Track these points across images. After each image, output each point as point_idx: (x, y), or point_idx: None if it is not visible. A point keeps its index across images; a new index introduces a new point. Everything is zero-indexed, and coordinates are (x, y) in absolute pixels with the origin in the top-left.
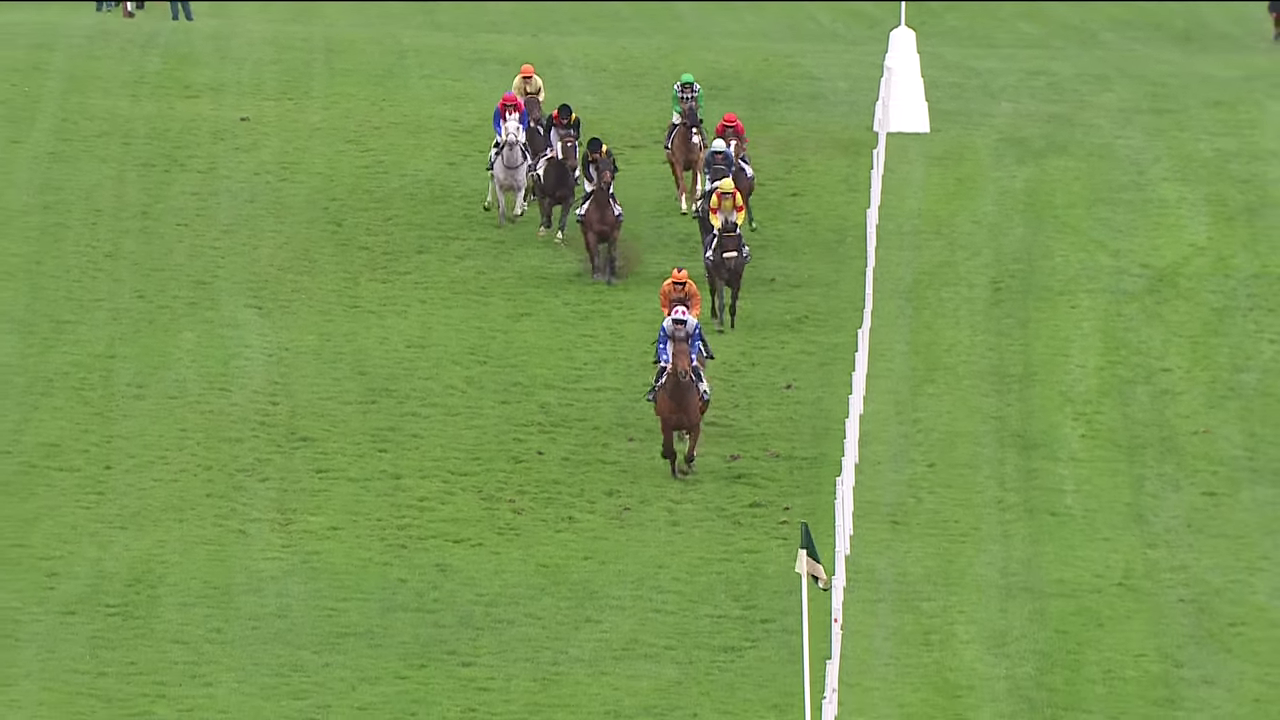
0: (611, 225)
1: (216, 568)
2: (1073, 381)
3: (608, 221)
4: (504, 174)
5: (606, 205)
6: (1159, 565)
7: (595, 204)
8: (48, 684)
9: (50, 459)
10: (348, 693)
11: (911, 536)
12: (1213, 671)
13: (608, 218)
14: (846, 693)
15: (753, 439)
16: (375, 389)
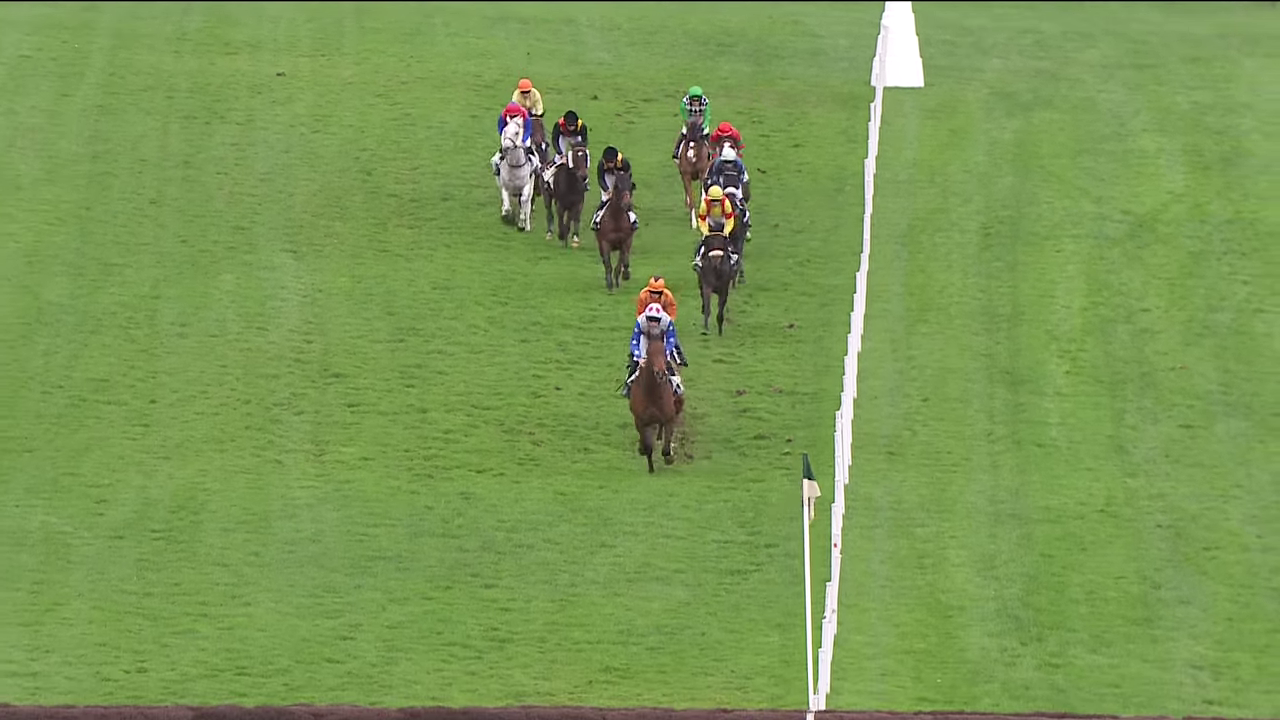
0: (625, 233)
1: (255, 495)
2: (1058, 321)
3: (621, 229)
4: (508, 174)
5: (621, 214)
6: (1138, 493)
7: (610, 213)
8: (97, 603)
9: (99, 393)
10: (378, 612)
11: (906, 466)
12: (1188, 592)
13: (622, 225)
14: (845, 613)
15: (757, 375)
16: (403, 328)
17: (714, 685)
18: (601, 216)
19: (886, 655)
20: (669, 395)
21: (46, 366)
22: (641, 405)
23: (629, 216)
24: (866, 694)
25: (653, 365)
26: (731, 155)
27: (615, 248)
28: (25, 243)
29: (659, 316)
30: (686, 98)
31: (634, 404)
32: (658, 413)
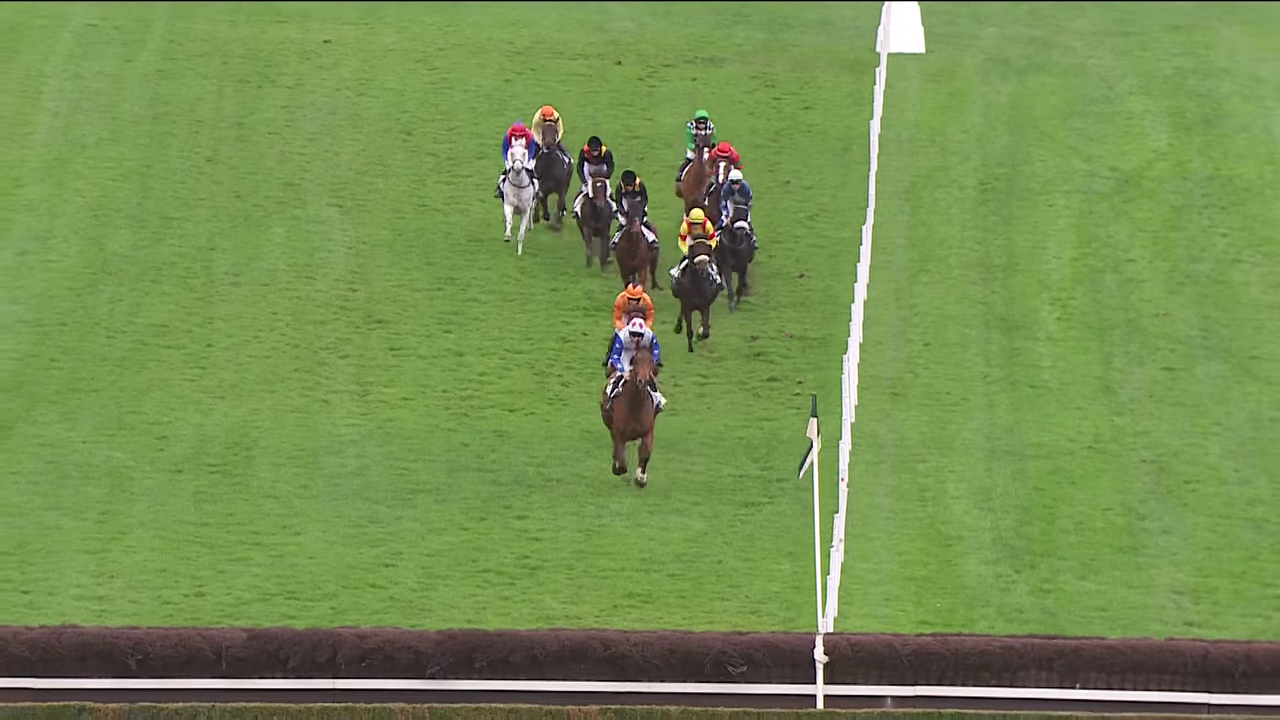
0: (643, 259)
1: (303, 433)
2: (1049, 271)
3: (639, 255)
4: (512, 193)
5: (636, 241)
6: (1124, 431)
7: (625, 241)
8: (158, 532)
9: (159, 338)
10: (417, 541)
11: (908, 406)
12: (1171, 523)
13: (638, 252)
14: (852, 542)
15: (770, 321)
16: (440, 277)
17: (730, 609)
18: (619, 241)
19: (890, 581)
20: (651, 408)
21: (111, 313)
22: (624, 419)
23: (646, 239)
24: (871, 617)
25: (638, 376)
26: (738, 175)
27: (633, 272)
28: (91, 198)
29: (642, 331)
30: (692, 121)
31: (615, 418)
32: (638, 426)
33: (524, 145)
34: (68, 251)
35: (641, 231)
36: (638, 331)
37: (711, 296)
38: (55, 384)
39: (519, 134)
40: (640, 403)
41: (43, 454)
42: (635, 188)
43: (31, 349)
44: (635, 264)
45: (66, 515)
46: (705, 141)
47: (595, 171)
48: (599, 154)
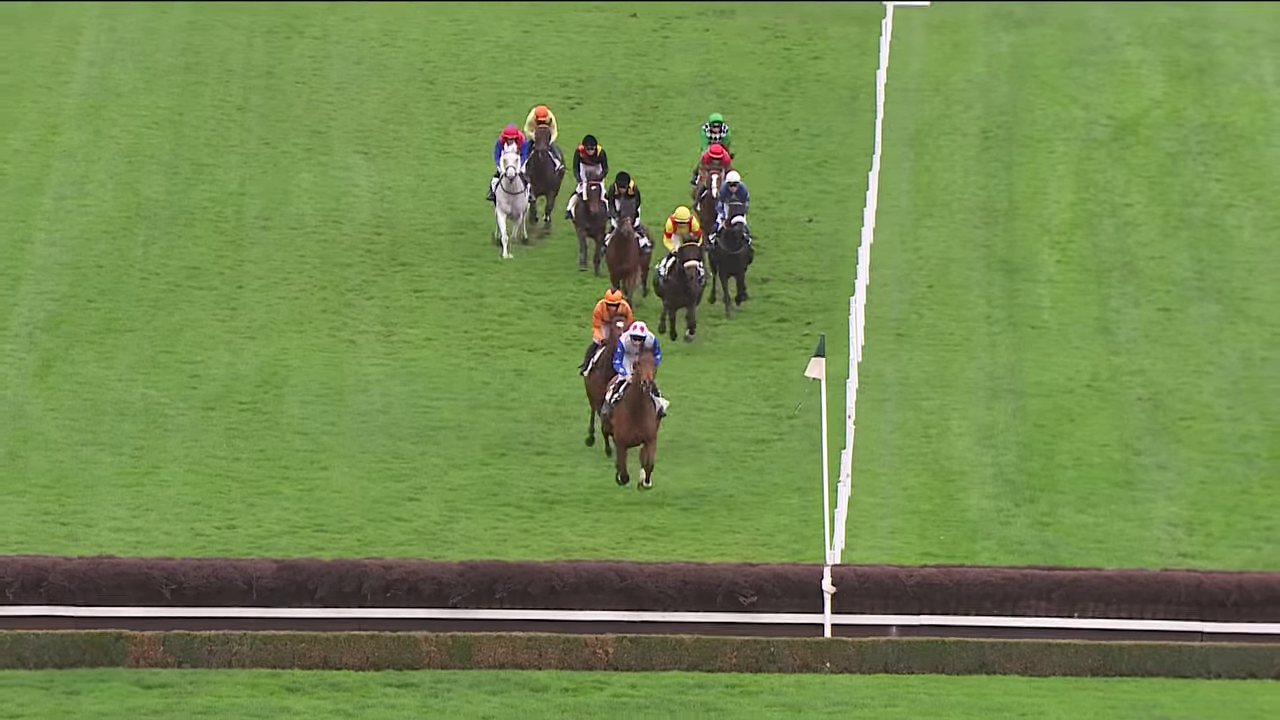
0: (632, 265)
1: (331, 372)
2: (1049, 215)
3: (628, 261)
4: (505, 200)
5: (626, 246)
6: (1121, 369)
7: (615, 245)
8: (192, 467)
9: (192, 279)
10: (440, 476)
11: (913, 346)
12: (1166, 458)
13: (628, 257)
14: (858, 477)
15: (780, 264)
16: (462, 221)
17: (740, 542)
18: (609, 247)
19: (895, 515)
20: (653, 414)
21: (145, 255)
22: (626, 426)
23: (637, 243)
24: (877, 550)
25: (641, 379)
26: (736, 177)
27: (623, 277)
28: (126, 145)
29: (643, 335)
30: (707, 124)
31: (618, 425)
32: (641, 433)
33: (516, 149)
34: (104, 196)
35: (633, 233)
36: (639, 335)
37: (697, 295)
38: (92, 324)
39: (511, 137)
40: (643, 408)
41: (80, 391)
42: (629, 190)
43: (69, 290)
44: (626, 268)
45: (103, 450)
46: (721, 143)
47: (590, 173)
48: (594, 153)
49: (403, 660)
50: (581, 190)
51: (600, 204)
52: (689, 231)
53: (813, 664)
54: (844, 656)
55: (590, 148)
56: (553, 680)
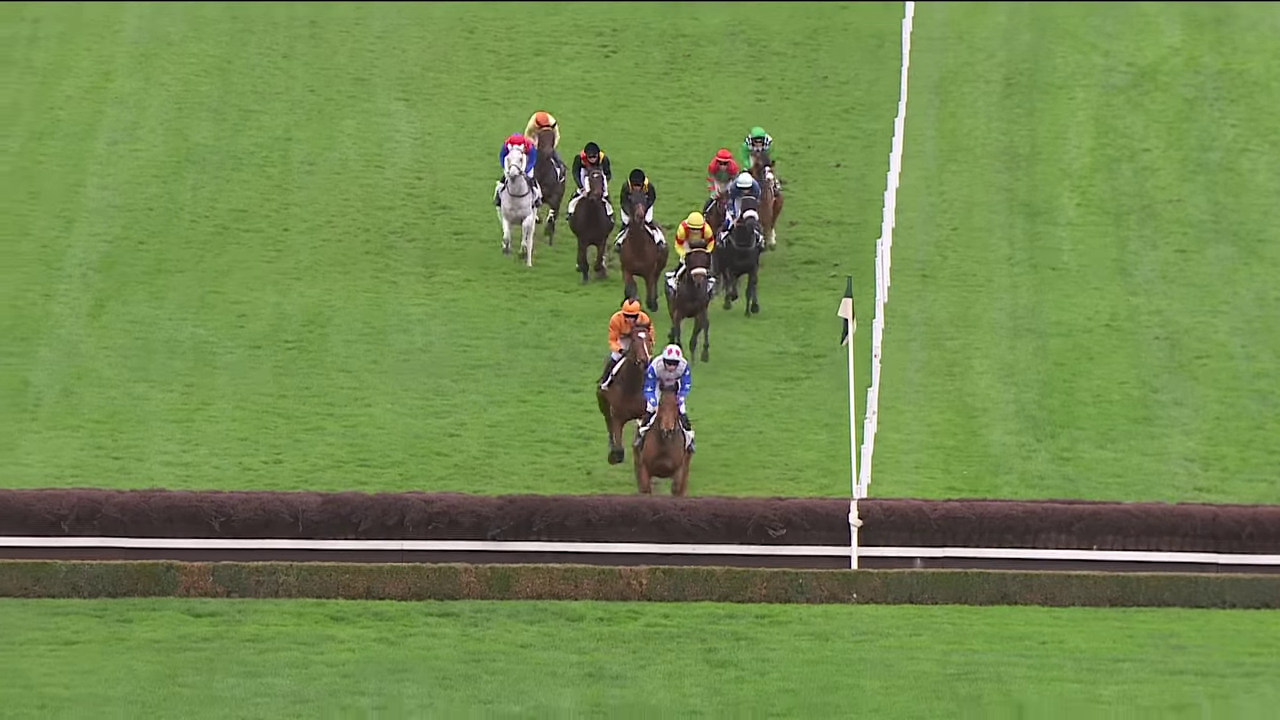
0: (649, 261)
1: (374, 311)
2: (1070, 160)
3: (645, 257)
4: (510, 204)
5: (643, 240)
6: (1139, 309)
7: (630, 239)
8: (239, 403)
9: (240, 222)
10: (480, 413)
11: (938, 287)
12: (1182, 395)
13: (644, 253)
14: (884, 414)
15: (808, 208)
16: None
17: (770, 477)
18: (623, 242)
19: (920, 451)
20: (681, 448)
21: (194, 199)
22: (653, 456)
23: (653, 240)
24: (902, 484)
25: (662, 424)
26: (749, 181)
27: (639, 274)
28: (175, 92)
29: (677, 359)
30: (749, 138)
31: (645, 454)
32: (668, 464)
33: (522, 152)
34: (154, 141)
35: (646, 228)
36: (673, 359)
37: (705, 302)
38: (143, 265)
39: (517, 143)
40: (669, 443)
41: (132, 330)
42: (644, 188)
43: (121, 232)
44: (642, 265)
45: (154, 387)
46: (761, 159)
47: (592, 169)
48: (596, 160)
49: (443, 591)
50: (583, 193)
51: (604, 203)
52: (700, 238)
53: (840, 595)
54: (870, 587)
55: (593, 155)
56: (588, 610)
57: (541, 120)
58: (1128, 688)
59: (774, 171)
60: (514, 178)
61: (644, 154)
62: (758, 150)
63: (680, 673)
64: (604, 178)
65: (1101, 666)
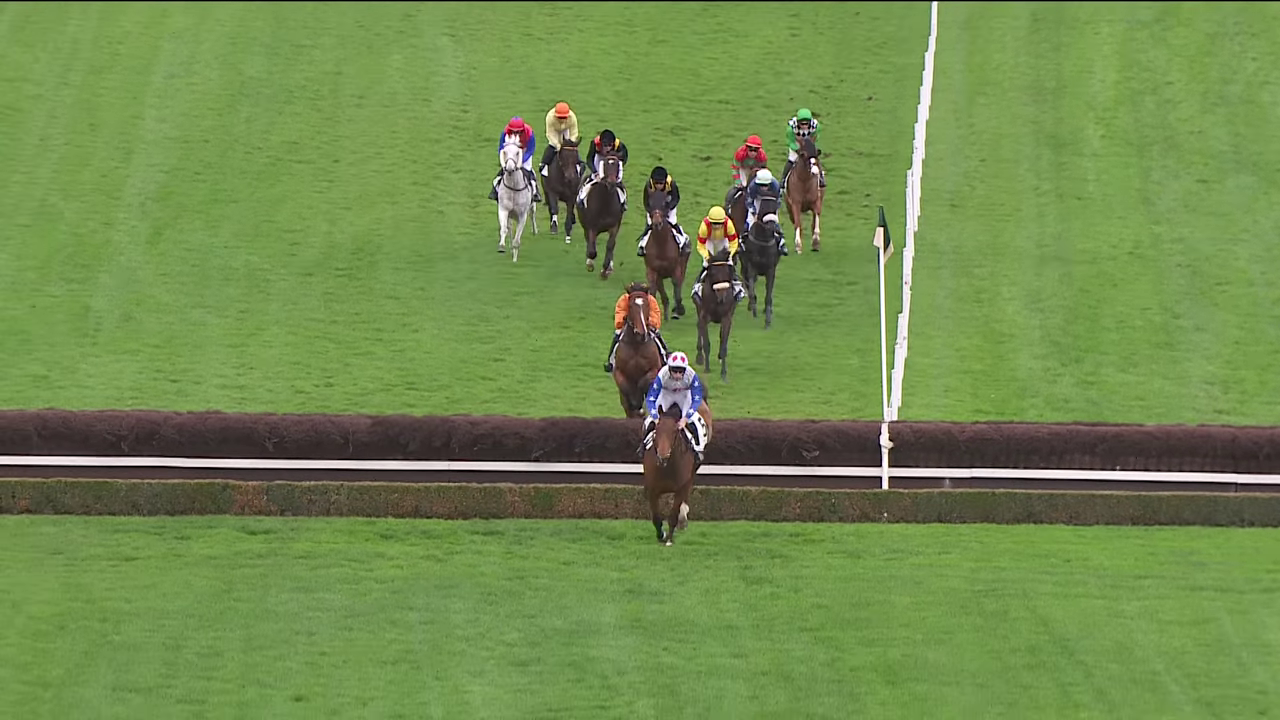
0: (673, 261)
1: (421, 240)
2: (1095, 93)
3: (667, 257)
4: (507, 196)
5: (666, 240)
6: (1162, 238)
7: (654, 239)
8: (291, 329)
9: (292, 154)
10: (523, 339)
11: (966, 217)
12: (1203, 320)
13: (667, 253)
14: (914, 339)
15: (840, 140)
16: (543, 100)
17: (804, 400)
18: (646, 242)
19: (948, 375)
20: (688, 465)
21: (248, 131)
22: (653, 479)
23: (677, 240)
24: (931, 407)
25: (659, 453)
26: (767, 178)
27: (664, 275)
28: (230, 27)
29: (683, 366)
30: (794, 120)
31: (647, 473)
32: (672, 483)
33: (520, 143)
34: (209, 76)
35: (670, 227)
36: (679, 367)
37: (730, 309)
38: (199, 195)
39: (516, 129)
40: (674, 460)
41: (189, 258)
42: (666, 186)
43: (178, 163)
44: (665, 264)
45: (210, 313)
46: (808, 143)
47: (608, 155)
48: (612, 146)
49: (488, 510)
50: (598, 172)
51: (618, 184)
52: (723, 235)
53: (871, 514)
54: (900, 507)
55: (608, 142)
56: (628, 529)
57: (561, 112)
58: (1149, 603)
59: (819, 163)
60: (511, 171)
61: (681, 87)
62: (804, 135)
63: (717, 589)
64: (619, 165)
65: (1124, 583)
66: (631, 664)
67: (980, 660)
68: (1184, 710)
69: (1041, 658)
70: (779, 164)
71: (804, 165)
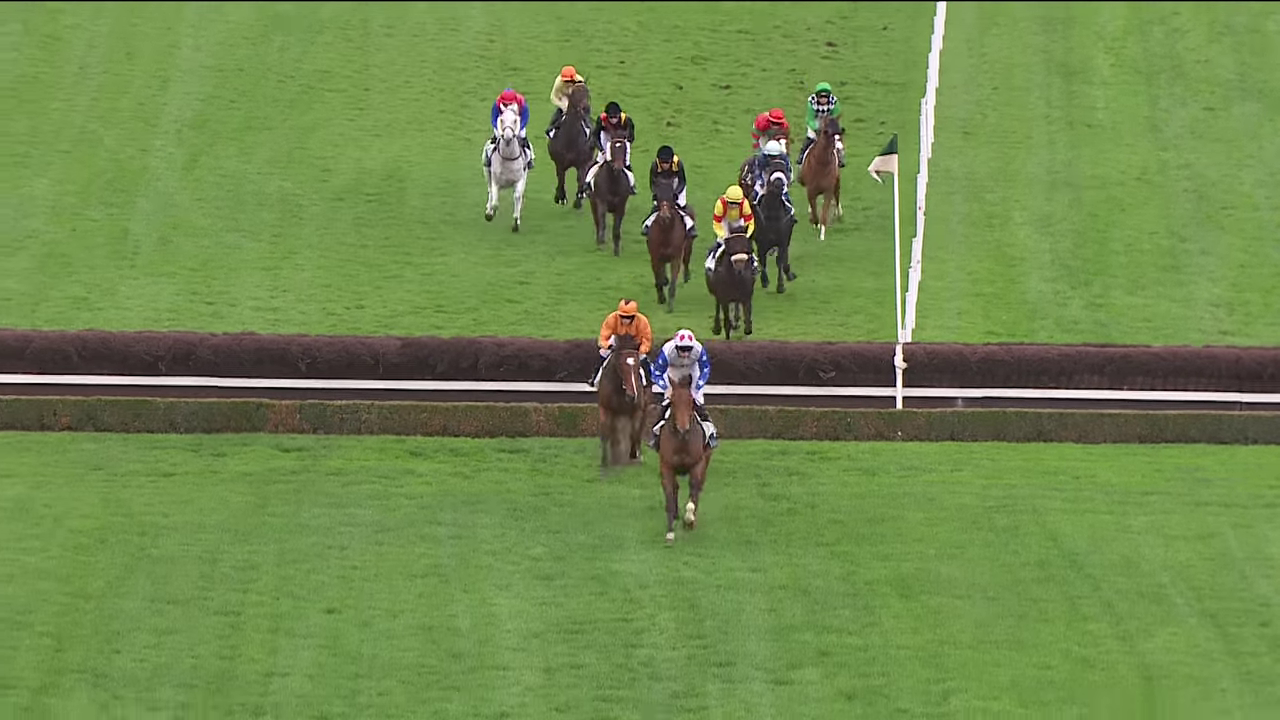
0: (676, 248)
1: (449, 167)
2: (1104, 23)
3: (672, 244)
4: (500, 166)
5: (673, 228)
6: (1169, 164)
7: (658, 225)
8: (324, 252)
9: (323, 83)
10: (548, 263)
11: (979, 144)
12: (1209, 244)
13: (672, 240)
14: (928, 263)
15: (856, 69)
16: (569, 30)
17: (820, 323)
18: (650, 227)
19: (961, 298)
20: (700, 444)
21: (281, 60)
22: (670, 455)
23: (683, 225)
24: (944, 329)
25: (677, 424)
26: (777, 149)
27: (666, 260)
28: None
29: (691, 344)
30: (813, 95)
31: (663, 454)
32: (687, 459)
33: (516, 113)
34: (243, 6)
35: (677, 215)
36: (686, 345)
37: (750, 287)
38: (234, 122)
39: (510, 100)
40: (686, 440)
41: (224, 184)
42: (673, 167)
43: (213, 91)
44: (669, 252)
45: (245, 237)
46: (831, 121)
47: (614, 135)
48: (618, 121)
49: (514, 428)
50: (605, 155)
51: (624, 166)
52: (739, 216)
53: (885, 433)
54: (914, 426)
55: (614, 115)
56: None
57: (567, 75)
58: (1156, 518)
59: (842, 140)
60: (508, 140)
61: (701, 17)
62: (824, 110)
63: (736, 505)
64: (626, 146)
65: (1131, 499)
66: (653, 578)
67: (991, 574)
68: (1189, 622)
69: (1050, 571)
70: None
71: (825, 145)
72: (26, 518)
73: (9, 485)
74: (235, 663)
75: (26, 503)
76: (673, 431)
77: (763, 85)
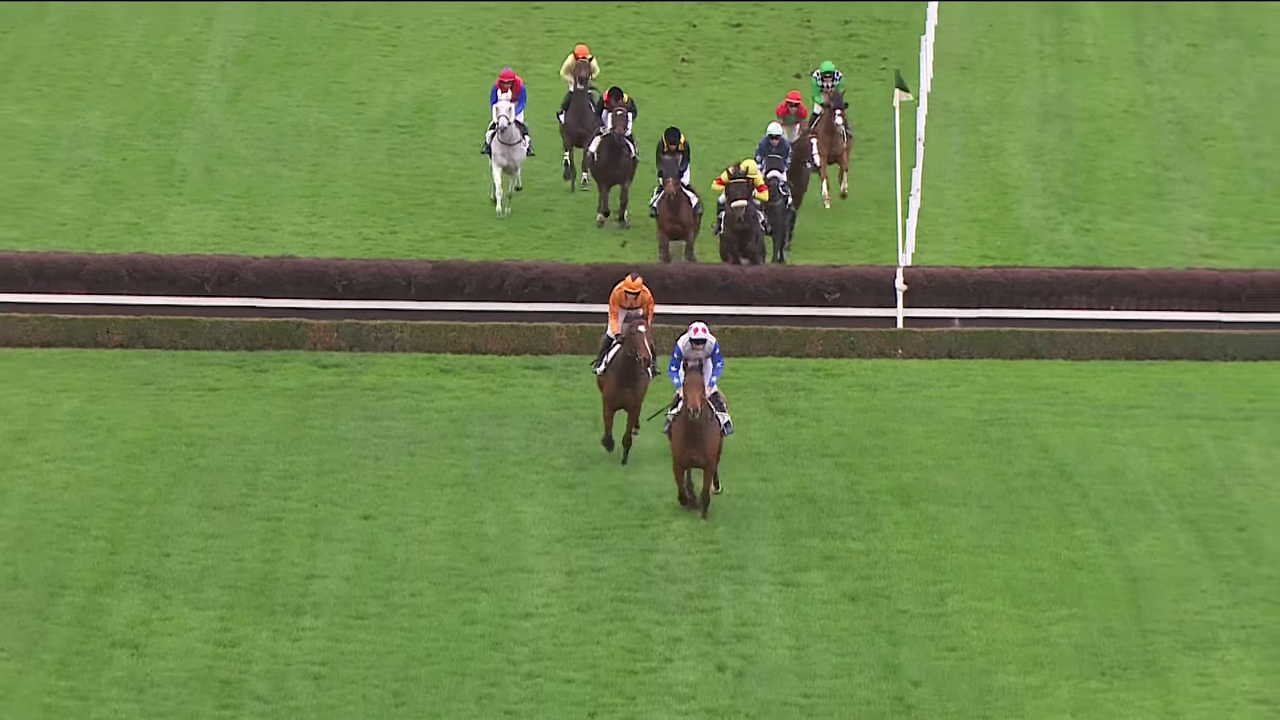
0: (684, 225)
1: (477, 100)
2: None
3: (681, 220)
4: (501, 151)
5: (680, 205)
6: (1154, 97)
7: (666, 201)
8: (359, 181)
9: (358, 20)
10: (570, 192)
11: (975, 79)
12: (1191, 173)
13: (680, 216)
14: (927, 192)
15: (860, 8)
16: None
17: (825, 246)
18: (659, 204)
19: (958, 224)
20: (715, 434)
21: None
22: (682, 448)
23: (690, 202)
24: (942, 254)
25: (690, 406)
26: (778, 130)
27: (675, 238)
28: None
29: (704, 338)
30: (817, 73)
31: (674, 444)
32: (700, 455)
33: (512, 97)
34: None
35: (682, 193)
36: (700, 338)
37: (760, 247)
38: (274, 58)
39: (507, 81)
40: (700, 430)
41: (265, 116)
42: (679, 147)
43: (255, 29)
44: (677, 228)
45: (284, 166)
46: (835, 95)
47: (616, 117)
48: (620, 102)
49: (538, 347)
50: (606, 125)
51: (626, 137)
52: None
53: (887, 351)
54: (914, 344)
55: (616, 98)
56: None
57: (580, 54)
58: (1141, 431)
59: (844, 115)
60: (505, 128)
61: None
62: (829, 87)
63: (746, 419)
64: (628, 116)
65: (1118, 413)
66: (668, 487)
67: (985, 483)
68: (1170, 527)
69: (1041, 481)
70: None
71: (829, 117)
72: (82, 429)
73: (65, 399)
74: (277, 565)
75: (82, 415)
76: (685, 421)
77: (771, 24)
